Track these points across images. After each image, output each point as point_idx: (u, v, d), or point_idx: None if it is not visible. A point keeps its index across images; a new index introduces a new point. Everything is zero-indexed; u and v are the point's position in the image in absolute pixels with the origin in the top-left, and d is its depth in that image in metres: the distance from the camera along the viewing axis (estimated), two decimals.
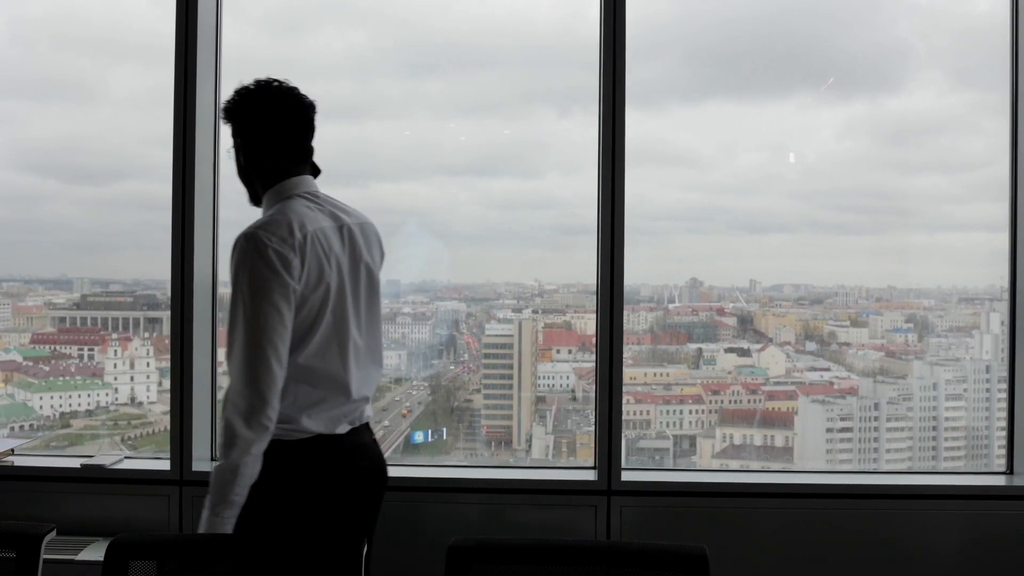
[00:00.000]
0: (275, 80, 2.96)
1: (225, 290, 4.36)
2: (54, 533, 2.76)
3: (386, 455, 4.75)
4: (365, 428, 3.00)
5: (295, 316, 2.71)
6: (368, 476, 3.00)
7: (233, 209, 4.29)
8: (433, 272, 4.99)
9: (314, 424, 2.79)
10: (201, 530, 2.66)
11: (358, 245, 2.94)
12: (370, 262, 2.99)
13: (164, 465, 4.04)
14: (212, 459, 4.17)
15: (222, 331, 4.31)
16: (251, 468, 2.61)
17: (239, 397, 2.60)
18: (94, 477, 4.00)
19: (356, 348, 2.88)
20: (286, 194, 2.86)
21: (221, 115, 2.98)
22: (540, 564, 2.53)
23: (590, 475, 4.01)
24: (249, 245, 2.66)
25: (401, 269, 4.76)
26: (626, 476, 3.96)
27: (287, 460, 2.73)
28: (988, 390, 4.66)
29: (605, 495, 3.93)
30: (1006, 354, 4.21)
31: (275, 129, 2.91)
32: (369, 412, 3.04)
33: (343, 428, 2.87)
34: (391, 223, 4.72)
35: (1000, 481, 4.13)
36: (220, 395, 4.31)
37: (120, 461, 4.10)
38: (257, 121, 2.91)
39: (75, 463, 4.05)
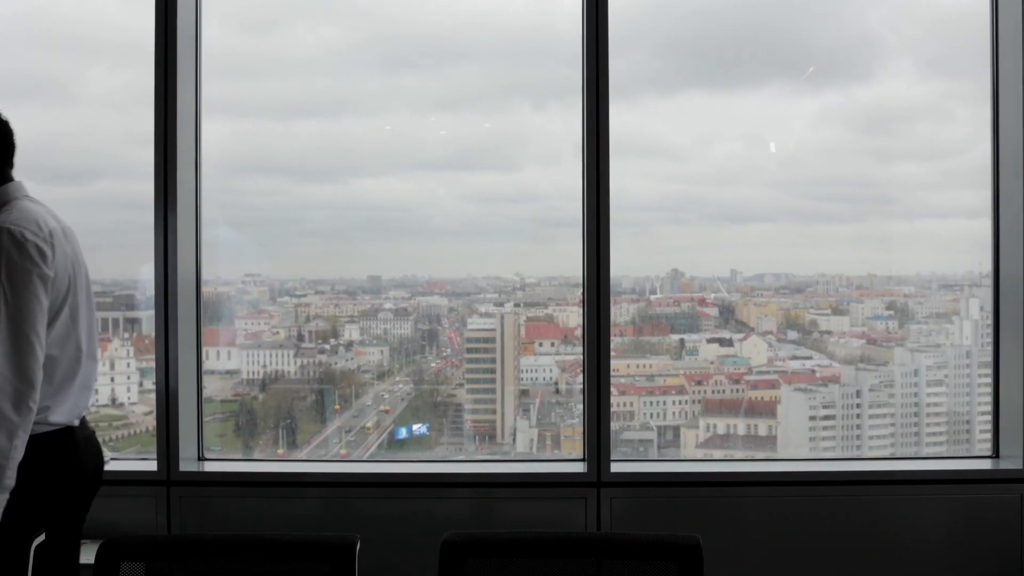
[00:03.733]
0: None
1: (209, 289, 4.34)
2: (43, 536, 2.74)
3: (371, 451, 4.78)
4: (85, 420, 3.07)
5: None
6: (100, 468, 3.13)
7: (216, 208, 4.27)
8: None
9: (59, 416, 2.87)
10: None
11: (76, 246, 3.02)
12: (85, 263, 3.07)
13: (150, 466, 4.02)
14: (199, 459, 4.15)
15: (207, 330, 4.29)
16: (20, 452, 2.65)
17: (7, 383, 2.63)
18: None
19: (84, 341, 2.97)
20: (9, 197, 2.90)
21: None
22: (535, 557, 2.52)
23: (579, 467, 4.02)
24: (4, 236, 2.71)
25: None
26: (615, 468, 3.97)
27: (37, 454, 2.75)
28: (969, 375, 4.69)
29: (595, 487, 3.93)
30: (989, 339, 4.25)
31: None
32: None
33: (77, 420, 2.97)
34: (372, 219, 4.72)
35: (986, 465, 4.17)
36: (205, 394, 4.30)
37: (106, 463, 4.06)
38: None
39: None
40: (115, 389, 4.92)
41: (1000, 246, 4.15)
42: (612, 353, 4.06)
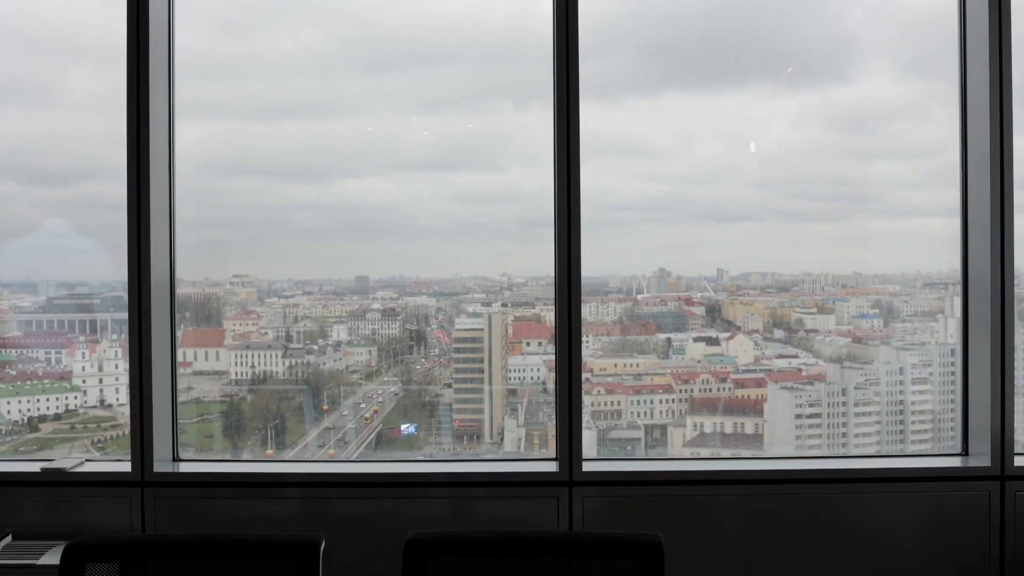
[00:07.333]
0: None
1: (185, 289, 4.36)
2: (10, 538, 2.75)
3: (359, 450, 4.79)
4: None
5: None
6: None
7: (192, 207, 4.29)
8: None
9: None
10: None
11: None
12: None
13: (126, 467, 4.03)
14: (174, 459, 4.17)
15: (196, 331, 4.31)
16: None
17: None
18: (54, 481, 3.99)
19: None
20: None
21: None
22: (497, 556, 2.54)
23: (551, 467, 4.03)
24: None
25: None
26: (587, 467, 3.98)
27: None
28: (953, 373, 4.67)
29: (567, 486, 3.94)
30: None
31: None
32: None
33: None
34: (358, 220, 4.74)
35: (956, 463, 4.18)
36: (194, 395, 4.31)
37: (81, 464, 4.08)
38: None
39: (35, 467, 4.03)
40: (104, 391, 4.93)
41: (968, 246, 4.16)
42: (599, 353, 4.07)
